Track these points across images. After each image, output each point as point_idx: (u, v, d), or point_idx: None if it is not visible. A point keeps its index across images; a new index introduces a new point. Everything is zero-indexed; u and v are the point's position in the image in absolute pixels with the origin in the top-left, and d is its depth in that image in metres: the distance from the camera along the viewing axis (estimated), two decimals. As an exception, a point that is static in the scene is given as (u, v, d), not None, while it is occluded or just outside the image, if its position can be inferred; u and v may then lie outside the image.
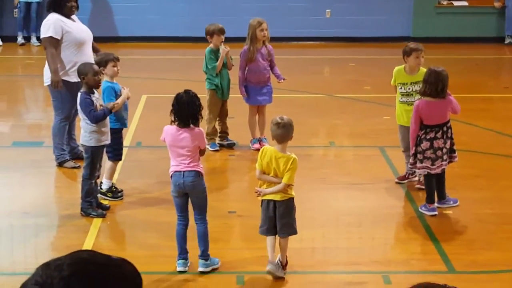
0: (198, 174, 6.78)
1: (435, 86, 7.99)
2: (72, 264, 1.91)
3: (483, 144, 10.49)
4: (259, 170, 6.76)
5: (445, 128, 8.10)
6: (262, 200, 6.80)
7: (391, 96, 12.64)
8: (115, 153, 8.52)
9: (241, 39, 10.26)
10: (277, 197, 6.73)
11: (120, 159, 8.69)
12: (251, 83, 10.07)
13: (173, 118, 6.78)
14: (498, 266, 7.09)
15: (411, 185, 8.92)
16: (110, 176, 8.59)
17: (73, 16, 9.52)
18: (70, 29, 9.25)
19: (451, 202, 8.38)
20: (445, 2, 17.86)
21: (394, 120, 11.26)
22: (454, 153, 8.22)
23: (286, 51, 15.73)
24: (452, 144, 8.18)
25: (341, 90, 13.37)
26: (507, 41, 17.43)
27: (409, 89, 8.79)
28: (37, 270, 1.93)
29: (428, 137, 8.09)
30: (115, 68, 8.37)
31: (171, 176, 6.84)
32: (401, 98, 8.89)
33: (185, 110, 6.69)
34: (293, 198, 6.78)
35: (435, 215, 8.09)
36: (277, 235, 6.82)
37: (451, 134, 8.17)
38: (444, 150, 8.10)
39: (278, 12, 16.69)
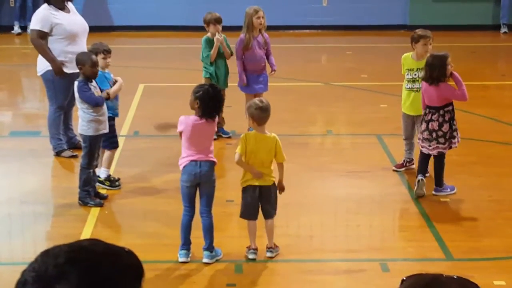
0: (213, 164, 6.88)
1: (429, 72, 8.10)
2: (69, 251, 1.89)
3: (480, 132, 10.50)
4: (239, 154, 6.85)
5: (441, 112, 8.12)
6: (247, 186, 6.88)
7: (388, 84, 12.69)
8: (110, 141, 8.50)
9: (239, 28, 10.24)
10: (264, 183, 6.86)
11: (117, 147, 8.68)
12: (248, 71, 10.06)
13: (200, 112, 6.76)
14: (496, 253, 7.11)
15: (409, 173, 8.92)
16: (108, 165, 8.58)
17: (71, 7, 9.46)
18: (61, 22, 9.18)
19: (448, 190, 8.39)
20: (441, -10, 17.86)
21: (391, 108, 11.31)
22: (454, 139, 8.21)
23: (283, 40, 15.71)
24: (452, 130, 8.16)
25: (338, 78, 13.37)
26: (503, 29, 17.42)
27: (415, 74, 8.78)
28: (36, 257, 1.92)
29: (426, 118, 8.20)
30: (105, 60, 8.37)
31: (185, 166, 6.82)
32: (407, 85, 8.89)
33: (211, 103, 6.74)
34: (274, 183, 6.92)
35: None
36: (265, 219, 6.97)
37: (450, 118, 8.15)
38: (440, 133, 8.12)
39: (274, 1, 16.66)
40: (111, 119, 8.45)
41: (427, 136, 8.19)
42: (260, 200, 6.94)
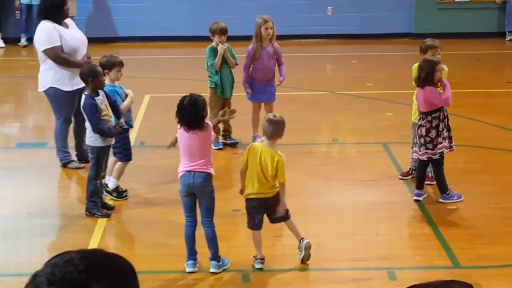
0: (209, 176, 6.82)
1: (418, 74, 8.20)
2: (82, 257, 1.93)
3: (486, 139, 10.49)
4: (242, 165, 6.91)
5: (429, 118, 8.16)
6: (248, 198, 6.89)
7: (393, 92, 12.70)
8: (125, 153, 8.52)
9: (244, 38, 10.29)
10: (268, 195, 6.85)
11: (130, 159, 8.66)
12: (256, 81, 10.08)
13: (178, 122, 6.80)
14: (503, 260, 7.10)
15: (415, 181, 8.91)
16: (119, 176, 8.58)
17: (69, 22, 9.48)
18: (64, 36, 9.20)
19: (455, 198, 8.39)
20: (446, -2, 17.88)
21: (397, 116, 11.32)
22: (440, 144, 8.18)
23: (288, 49, 15.72)
24: (438, 136, 8.17)
25: (344, 87, 13.38)
26: (508, 37, 17.41)
27: None
28: (43, 270, 1.92)
29: (418, 123, 8.28)
30: (119, 73, 8.39)
31: (180, 176, 6.85)
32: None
33: (187, 114, 6.71)
34: (278, 192, 6.92)
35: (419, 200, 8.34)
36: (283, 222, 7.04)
37: (437, 125, 8.14)
38: (427, 139, 8.17)
39: (280, 10, 16.70)
40: (125, 131, 8.47)
41: (417, 141, 8.29)
42: (266, 210, 6.94)
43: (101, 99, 7.91)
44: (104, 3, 17.64)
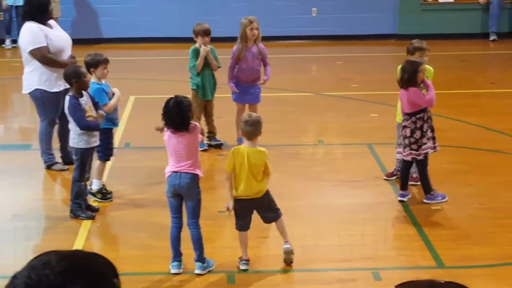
0: (195, 177, 6.81)
1: (401, 75, 8.21)
2: (60, 259, 1.93)
3: (471, 140, 10.53)
4: (227, 173, 6.91)
5: (414, 118, 8.19)
6: (237, 199, 6.89)
7: (378, 93, 12.73)
8: (105, 153, 8.51)
9: (230, 39, 10.28)
10: (258, 195, 6.88)
11: (108, 159, 8.68)
12: (241, 82, 10.07)
13: (164, 124, 6.80)
14: (487, 260, 7.13)
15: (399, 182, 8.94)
16: (100, 176, 8.58)
17: (52, 23, 9.45)
18: (49, 37, 9.18)
19: (440, 198, 8.42)
20: (430, -1, 17.94)
21: (382, 117, 11.35)
22: (425, 145, 8.22)
23: (274, 50, 15.71)
24: (423, 137, 8.20)
25: (329, 88, 13.40)
26: (491, 37, 17.50)
27: None
28: (21, 272, 1.93)
29: (402, 124, 8.32)
30: (105, 70, 8.38)
31: (167, 177, 6.85)
32: None
33: (173, 116, 6.71)
34: (268, 191, 6.95)
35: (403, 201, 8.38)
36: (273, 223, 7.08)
37: (421, 126, 8.18)
38: (412, 140, 8.20)
39: (265, 11, 16.70)
40: (110, 130, 8.46)
41: (401, 142, 8.32)
42: (257, 211, 6.96)
43: (85, 100, 7.90)
44: (89, 5, 17.60)
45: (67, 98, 7.91)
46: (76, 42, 10.59)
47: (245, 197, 6.86)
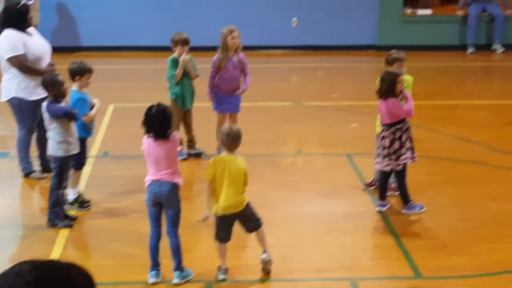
0: (175, 186, 6.80)
1: (379, 86, 8.25)
2: (32, 269, 1.93)
3: (449, 150, 10.58)
4: (208, 182, 6.89)
5: (393, 129, 8.22)
6: (217, 214, 6.90)
7: (358, 104, 12.77)
8: (78, 161, 8.46)
9: (209, 48, 10.29)
10: (239, 208, 6.86)
11: (81, 168, 8.63)
12: (221, 91, 10.06)
13: (145, 131, 6.78)
14: (465, 271, 7.15)
15: (378, 192, 8.96)
16: (74, 185, 8.53)
17: (31, 30, 9.41)
18: (28, 45, 9.14)
19: (418, 208, 8.45)
20: (409, 11, 18.02)
21: (361, 128, 11.39)
22: (403, 155, 8.25)
23: (254, 60, 15.71)
24: (402, 148, 8.23)
25: (309, 98, 13.42)
26: (469, 49, 17.61)
27: None
28: None
29: (381, 134, 8.33)
30: (89, 80, 8.37)
31: (147, 185, 6.83)
32: None
33: (156, 123, 6.70)
34: (249, 202, 6.95)
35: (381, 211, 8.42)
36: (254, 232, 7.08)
37: (400, 137, 8.21)
38: (391, 150, 8.23)
39: (245, 21, 16.72)
40: (84, 140, 8.42)
41: (380, 152, 8.34)
42: (239, 221, 6.96)
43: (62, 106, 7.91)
44: (69, 13, 17.55)
45: (44, 104, 7.90)
46: (55, 50, 10.56)
47: (227, 211, 6.85)
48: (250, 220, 6.99)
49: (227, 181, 6.79)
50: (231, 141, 6.87)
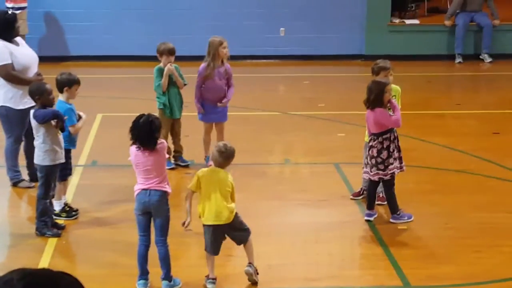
0: (165, 194, 6.81)
1: (367, 96, 8.27)
2: (21, 278, 1.93)
3: (436, 160, 10.62)
4: (189, 190, 6.97)
5: (380, 139, 8.25)
6: (205, 225, 6.91)
7: (345, 113, 12.80)
8: (63, 172, 8.44)
9: (196, 58, 10.29)
10: (227, 221, 6.87)
11: (65, 180, 8.62)
12: (207, 101, 10.07)
13: (130, 138, 6.79)
14: (453, 280, 7.18)
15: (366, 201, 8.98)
16: (59, 197, 8.52)
17: (19, 40, 9.40)
18: (15, 54, 9.13)
19: (406, 218, 8.48)
20: (397, 21, 18.09)
21: (348, 137, 11.41)
22: (391, 165, 8.27)
23: (241, 69, 15.78)
24: (389, 157, 8.26)
25: (296, 108, 13.44)
26: (457, 59, 17.69)
27: None
28: None
29: (369, 144, 8.35)
30: (76, 92, 8.38)
31: (136, 194, 6.83)
32: None
33: (142, 133, 6.70)
34: (237, 213, 6.96)
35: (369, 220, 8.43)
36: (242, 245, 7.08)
37: (388, 146, 8.23)
38: (379, 160, 8.25)
39: (232, 31, 16.75)
40: (68, 151, 8.40)
41: (368, 162, 8.36)
42: (227, 234, 6.96)
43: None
44: (56, 22, 17.53)
45: (31, 112, 7.89)
46: (43, 59, 10.54)
47: (215, 223, 6.85)
48: (238, 230, 6.99)
49: (213, 193, 6.81)
50: (223, 159, 6.90)
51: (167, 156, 6.60)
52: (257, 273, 7.04)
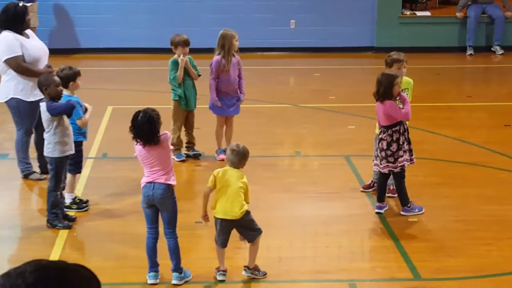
0: (169, 188, 6.80)
1: (377, 88, 8.24)
2: (34, 271, 1.93)
3: (446, 152, 10.60)
4: (208, 188, 6.94)
5: (390, 131, 8.23)
6: (221, 219, 6.91)
7: (355, 105, 12.78)
8: (76, 165, 8.48)
9: (205, 50, 10.29)
10: (236, 216, 6.87)
11: (80, 172, 8.66)
12: (221, 94, 10.07)
13: (132, 137, 6.78)
14: (463, 272, 7.17)
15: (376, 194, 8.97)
16: (71, 189, 8.55)
17: (29, 32, 9.42)
18: (26, 47, 9.15)
19: (416, 210, 8.47)
20: (408, 13, 18.03)
21: (359, 129, 11.40)
22: (401, 158, 8.25)
23: (251, 62, 15.77)
24: (399, 150, 8.24)
25: (306, 100, 13.43)
26: (468, 51, 17.62)
27: None
28: None
29: (379, 136, 8.33)
30: (79, 82, 8.40)
31: (142, 187, 6.85)
32: None
33: (143, 131, 6.69)
34: (249, 211, 6.94)
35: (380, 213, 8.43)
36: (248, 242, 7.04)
37: (398, 139, 8.21)
38: (388, 152, 8.23)
39: (242, 23, 16.74)
40: (79, 144, 8.43)
41: (378, 154, 8.34)
42: (237, 230, 6.97)
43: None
44: (67, 15, 17.55)
45: (42, 104, 7.90)
46: (53, 52, 10.57)
47: (224, 217, 6.87)
48: (248, 229, 6.98)
49: (226, 190, 6.82)
50: (237, 158, 6.88)
51: (175, 148, 6.61)
52: (258, 270, 7.00)
